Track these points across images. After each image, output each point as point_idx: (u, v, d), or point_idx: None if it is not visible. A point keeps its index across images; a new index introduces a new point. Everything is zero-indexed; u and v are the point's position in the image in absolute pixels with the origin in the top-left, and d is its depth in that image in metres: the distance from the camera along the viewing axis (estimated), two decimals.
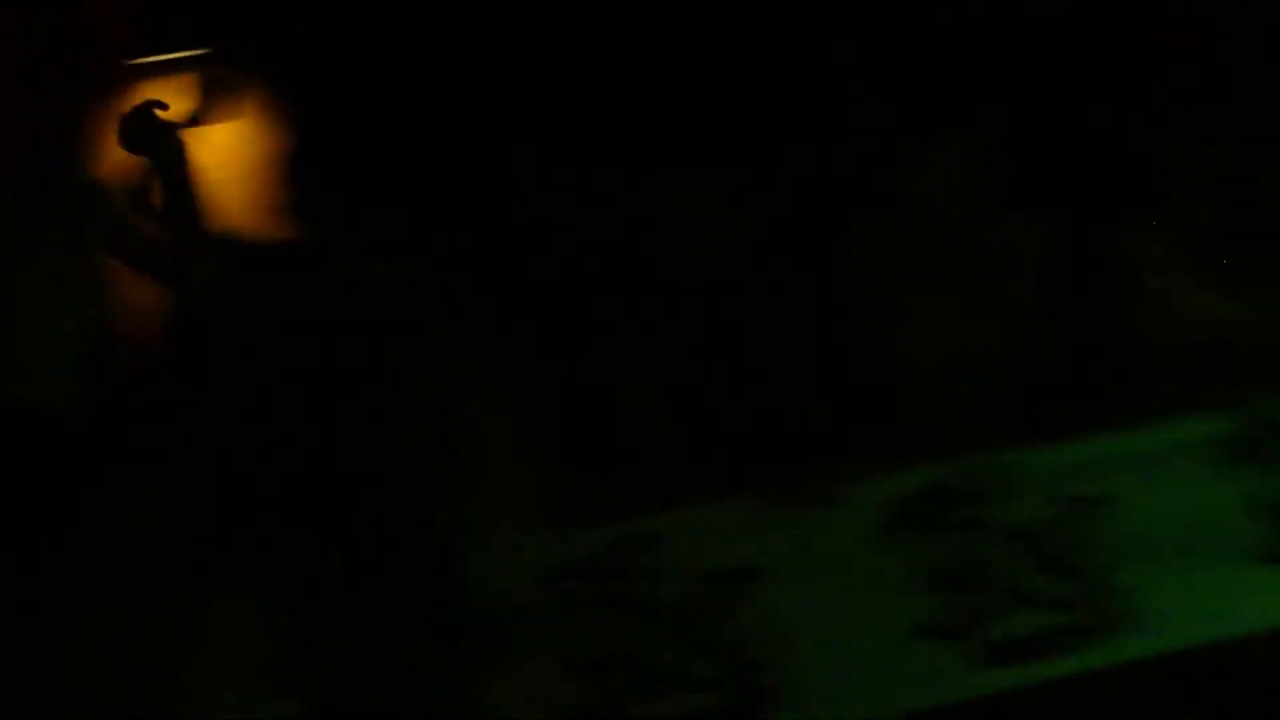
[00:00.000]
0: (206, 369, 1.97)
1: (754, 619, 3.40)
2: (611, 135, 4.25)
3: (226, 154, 3.80)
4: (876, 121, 4.24)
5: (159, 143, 3.61)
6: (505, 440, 2.63)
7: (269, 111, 4.67)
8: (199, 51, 5.23)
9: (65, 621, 1.87)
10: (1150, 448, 3.65)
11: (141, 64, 5.07)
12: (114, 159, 3.85)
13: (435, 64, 5.21)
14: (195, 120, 3.92)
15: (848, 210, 4.11)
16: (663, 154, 4.03)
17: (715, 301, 3.91)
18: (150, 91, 5.23)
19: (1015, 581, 3.54)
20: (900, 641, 3.47)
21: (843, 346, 3.89)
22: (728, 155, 4.04)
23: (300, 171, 2.95)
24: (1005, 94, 4.68)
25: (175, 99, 4.46)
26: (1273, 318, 3.97)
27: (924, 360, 3.86)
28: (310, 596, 1.76)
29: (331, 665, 1.82)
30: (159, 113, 3.61)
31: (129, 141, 3.66)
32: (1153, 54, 4.81)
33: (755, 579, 3.40)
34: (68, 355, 3.44)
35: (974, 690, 3.48)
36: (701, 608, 3.40)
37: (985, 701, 3.48)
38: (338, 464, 1.73)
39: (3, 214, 3.50)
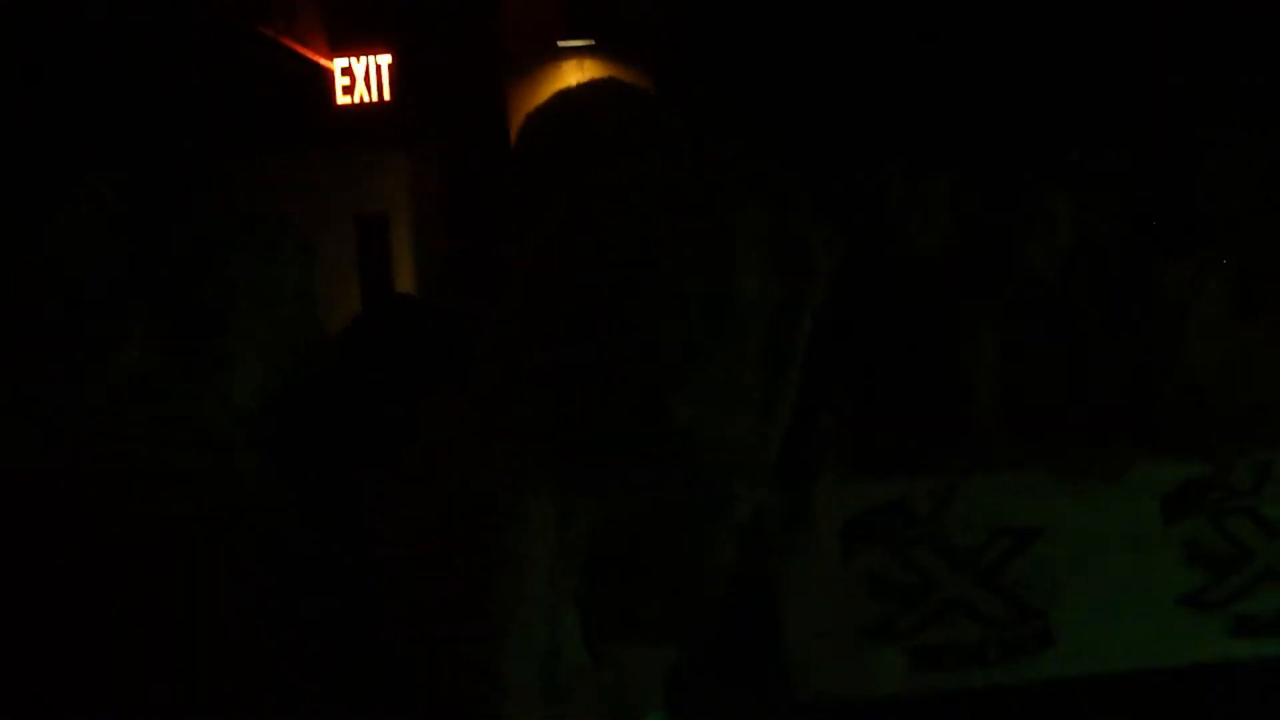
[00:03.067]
0: None
1: (1032, 570, 3.66)
2: (973, 158, 4.57)
3: None
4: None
5: None
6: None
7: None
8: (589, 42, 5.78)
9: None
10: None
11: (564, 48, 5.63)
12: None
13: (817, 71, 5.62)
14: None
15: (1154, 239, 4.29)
16: (1017, 178, 4.22)
17: (1036, 301, 4.07)
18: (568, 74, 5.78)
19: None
20: (1164, 607, 3.67)
21: (1140, 352, 4.01)
22: (1073, 183, 4.15)
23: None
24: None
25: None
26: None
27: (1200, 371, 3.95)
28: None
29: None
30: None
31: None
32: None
33: (1038, 537, 3.66)
34: None
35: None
36: (989, 554, 3.68)
37: None
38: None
39: None
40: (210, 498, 2.07)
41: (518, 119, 5.83)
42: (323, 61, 6.46)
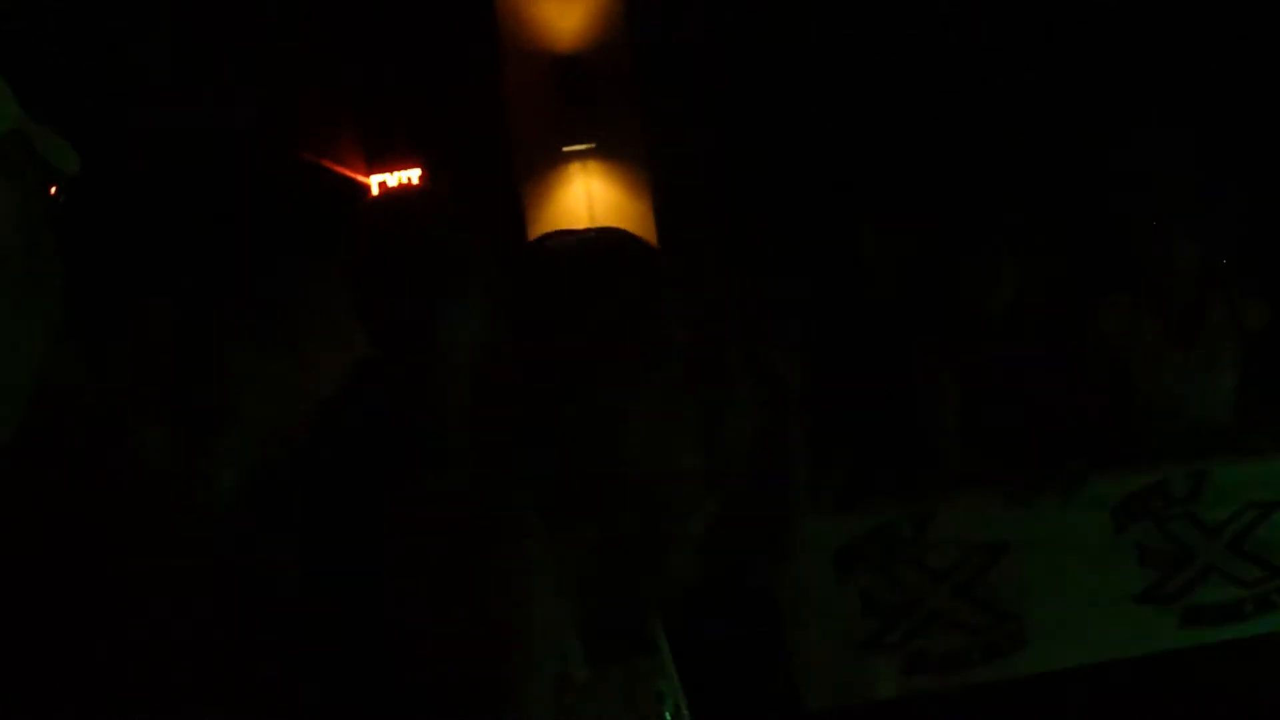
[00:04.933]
0: None
1: (1003, 581, 3.93)
2: (944, 206, 4.78)
3: None
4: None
5: None
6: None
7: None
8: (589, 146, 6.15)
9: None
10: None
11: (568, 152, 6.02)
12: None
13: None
14: None
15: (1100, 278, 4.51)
16: (976, 226, 4.45)
17: (992, 335, 4.28)
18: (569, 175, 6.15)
19: None
20: (1121, 605, 3.92)
21: (1088, 381, 4.26)
22: (1018, 234, 4.38)
23: None
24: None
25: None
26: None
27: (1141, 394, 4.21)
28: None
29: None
30: None
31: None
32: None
33: (1006, 551, 3.93)
34: None
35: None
36: (965, 570, 3.95)
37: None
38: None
39: None
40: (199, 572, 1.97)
41: (530, 216, 6.22)
42: (360, 178, 6.98)
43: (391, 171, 6.85)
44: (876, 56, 6.05)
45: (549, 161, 6.17)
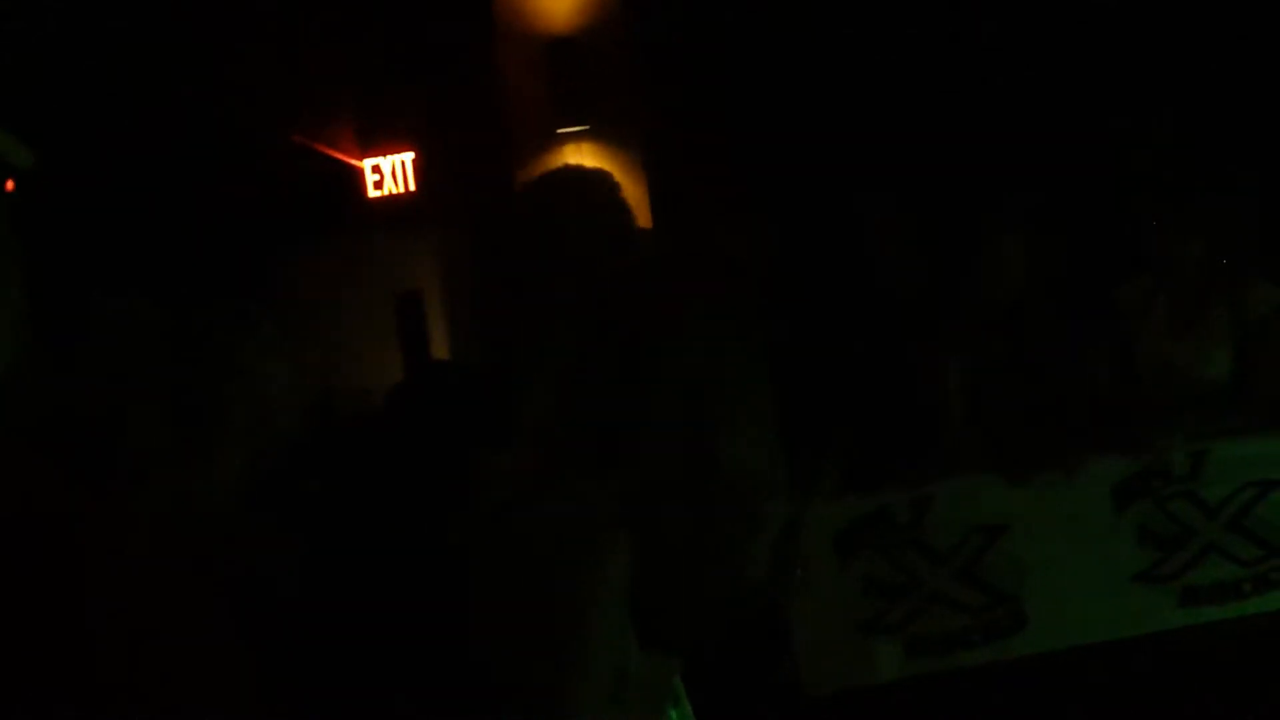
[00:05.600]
0: None
1: (1003, 562, 3.89)
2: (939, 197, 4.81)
3: None
4: None
5: None
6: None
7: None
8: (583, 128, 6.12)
9: None
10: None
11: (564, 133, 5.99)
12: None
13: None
14: None
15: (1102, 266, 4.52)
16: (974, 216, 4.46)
17: (992, 325, 4.27)
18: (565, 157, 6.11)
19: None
20: (1121, 585, 3.87)
21: (1090, 364, 4.21)
22: (1024, 219, 4.36)
23: None
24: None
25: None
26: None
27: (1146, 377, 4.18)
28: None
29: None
30: None
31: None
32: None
33: (1005, 532, 3.89)
34: None
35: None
36: (965, 551, 3.91)
37: None
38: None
39: None
40: (205, 567, 2.03)
41: None
42: (354, 162, 6.93)
43: (385, 155, 6.80)
44: (880, 39, 5.99)
45: (543, 143, 6.11)
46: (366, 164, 6.92)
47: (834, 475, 4.05)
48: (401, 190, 6.84)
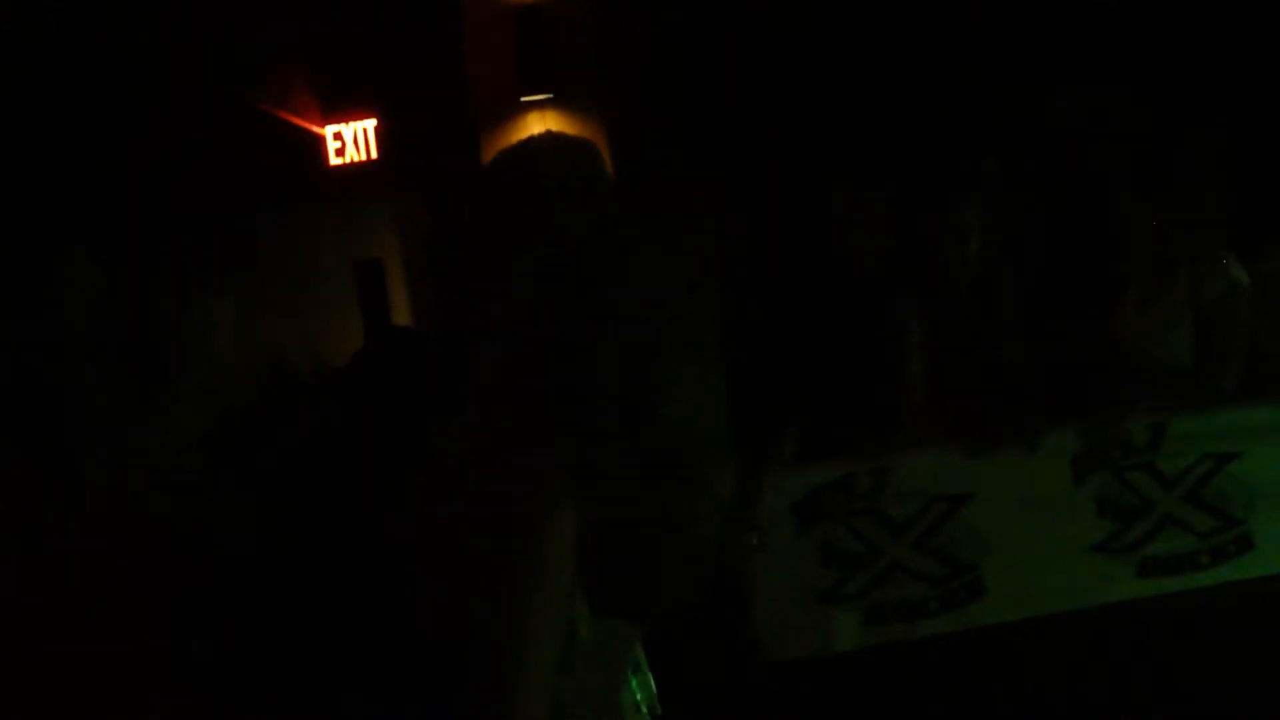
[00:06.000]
0: None
1: (962, 532, 3.87)
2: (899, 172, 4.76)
3: None
4: None
5: None
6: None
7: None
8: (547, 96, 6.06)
9: None
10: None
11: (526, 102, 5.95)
12: None
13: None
14: None
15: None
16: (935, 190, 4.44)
17: (953, 298, 4.27)
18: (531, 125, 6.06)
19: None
20: (1079, 556, 3.86)
21: (1047, 337, 4.19)
22: (989, 192, 4.39)
23: None
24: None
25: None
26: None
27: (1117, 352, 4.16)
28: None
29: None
30: None
31: None
32: None
33: (965, 503, 3.87)
34: None
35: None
36: (924, 521, 3.89)
37: None
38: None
39: None
40: (160, 515, 2.06)
41: None
42: (315, 129, 6.84)
43: (347, 122, 6.73)
44: (844, 9, 5.94)
45: (507, 111, 6.04)
46: (328, 131, 6.85)
47: (794, 444, 4.01)
48: (363, 158, 6.77)
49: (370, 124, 6.69)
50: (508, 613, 1.45)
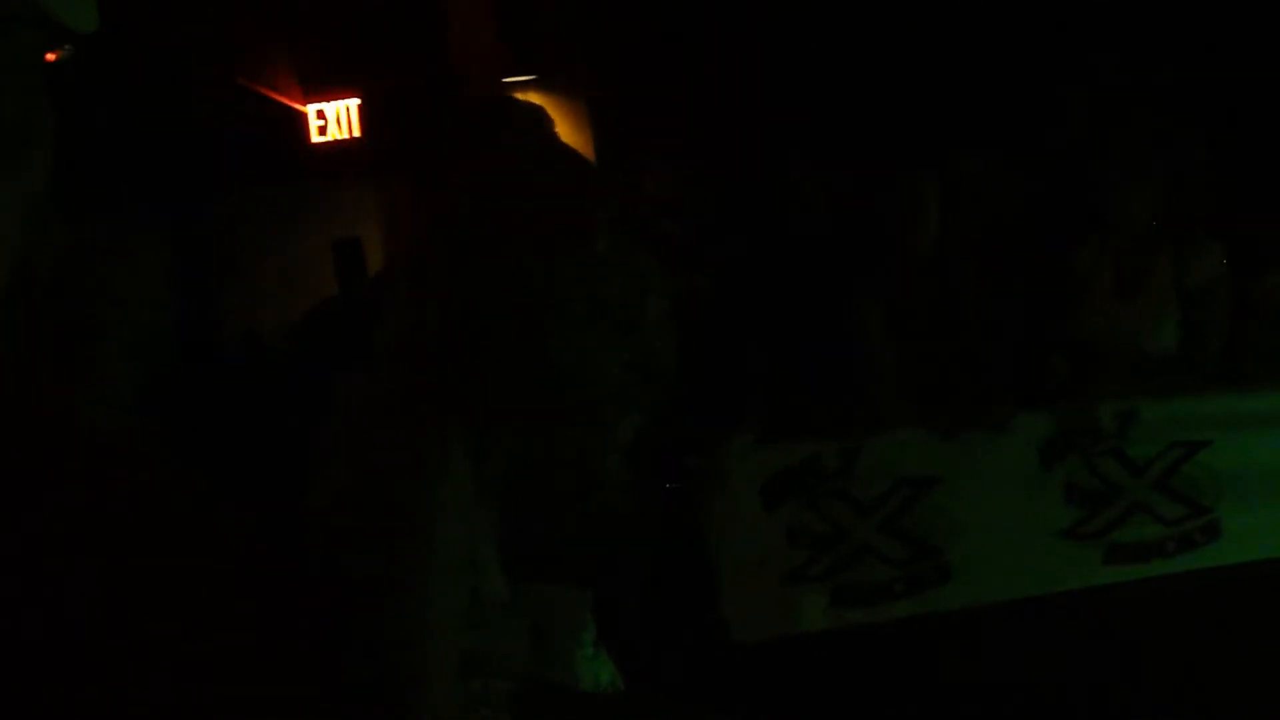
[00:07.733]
0: None
1: (930, 515, 3.82)
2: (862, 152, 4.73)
3: None
4: None
5: None
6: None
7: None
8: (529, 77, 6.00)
9: None
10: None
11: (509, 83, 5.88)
12: None
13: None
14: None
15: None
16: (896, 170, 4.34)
17: (930, 280, 4.16)
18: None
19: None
20: (1046, 541, 3.81)
21: (1028, 320, 4.15)
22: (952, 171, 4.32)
23: None
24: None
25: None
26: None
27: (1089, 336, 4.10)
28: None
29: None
30: None
31: None
32: None
33: (933, 486, 3.81)
34: None
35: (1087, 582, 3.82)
36: (891, 503, 3.83)
37: None
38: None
39: None
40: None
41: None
42: (298, 106, 6.76)
43: (330, 100, 6.64)
44: None
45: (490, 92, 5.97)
46: (311, 109, 6.76)
47: (759, 425, 3.95)
48: (346, 136, 6.69)
49: (354, 103, 6.61)
50: (404, 566, 1.44)
